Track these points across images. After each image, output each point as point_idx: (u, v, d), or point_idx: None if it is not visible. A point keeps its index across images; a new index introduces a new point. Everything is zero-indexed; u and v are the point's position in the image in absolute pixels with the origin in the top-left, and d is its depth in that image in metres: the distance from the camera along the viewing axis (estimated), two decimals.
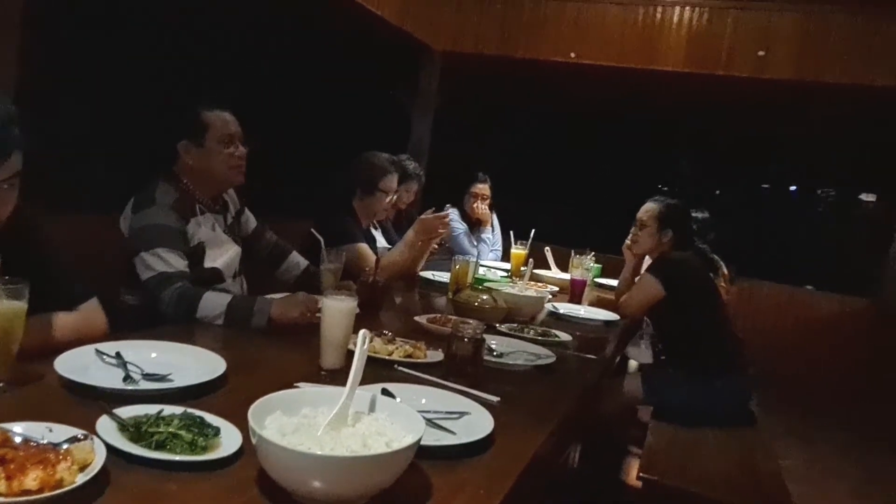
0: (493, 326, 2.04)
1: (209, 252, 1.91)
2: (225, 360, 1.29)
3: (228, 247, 1.99)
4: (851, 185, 8.79)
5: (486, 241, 4.08)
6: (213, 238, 1.94)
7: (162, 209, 1.81)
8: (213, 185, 1.97)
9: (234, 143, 1.93)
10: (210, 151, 1.90)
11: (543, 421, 1.31)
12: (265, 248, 2.23)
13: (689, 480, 1.90)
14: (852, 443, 3.96)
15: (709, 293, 2.70)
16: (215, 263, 1.92)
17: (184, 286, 1.73)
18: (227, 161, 1.92)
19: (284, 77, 4.54)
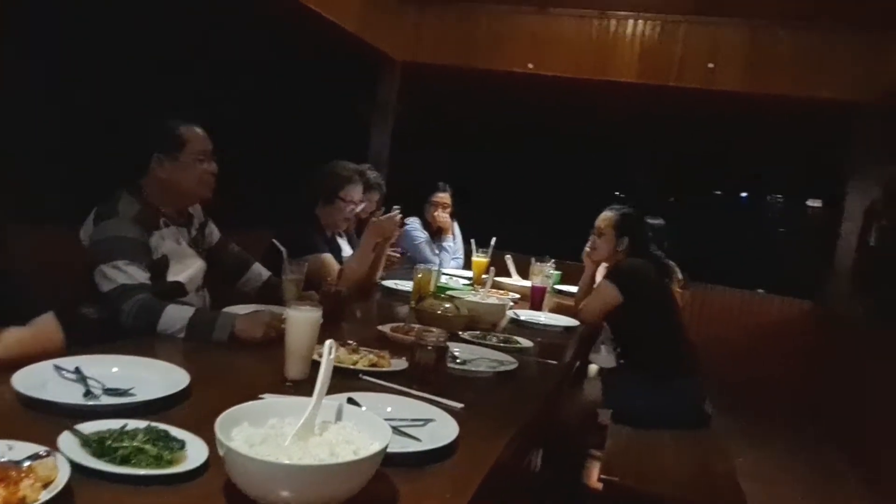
0: (456, 334, 2.07)
1: (173, 266, 1.89)
2: (188, 373, 1.29)
3: (192, 261, 1.98)
4: (799, 192, 9.15)
5: (448, 250, 4.12)
6: (178, 251, 1.92)
7: (124, 221, 1.80)
8: (180, 199, 1.97)
9: (207, 158, 1.95)
10: (184, 166, 1.90)
11: (506, 426, 1.34)
12: (228, 260, 2.21)
13: (647, 481, 1.96)
14: (802, 440, 4.11)
15: (664, 298, 2.79)
16: (178, 277, 1.90)
17: (145, 298, 1.71)
18: (200, 176, 1.93)
19: (244, 87, 4.51)
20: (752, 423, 4.12)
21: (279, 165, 4.42)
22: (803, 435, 4.19)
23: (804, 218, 9.09)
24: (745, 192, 9.80)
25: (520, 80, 5.27)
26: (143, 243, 1.81)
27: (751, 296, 5.30)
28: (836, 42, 4.44)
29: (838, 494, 3.45)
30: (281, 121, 4.91)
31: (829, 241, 4.98)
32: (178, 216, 1.98)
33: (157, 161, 1.89)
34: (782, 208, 9.67)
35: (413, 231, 4.01)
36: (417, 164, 5.93)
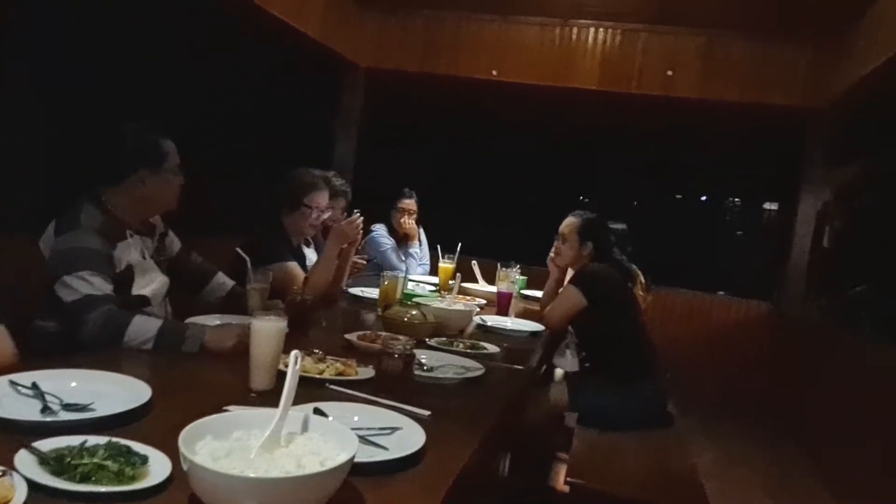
0: (423, 341, 2.07)
1: (137, 279, 1.86)
2: (150, 386, 1.27)
3: (156, 275, 1.95)
4: (756, 196, 9.39)
5: (415, 256, 4.12)
6: (142, 265, 1.90)
7: (87, 232, 1.76)
8: (150, 211, 1.96)
9: (177, 173, 1.96)
10: (165, 180, 1.91)
11: (473, 432, 1.35)
12: (189, 270, 2.18)
13: (612, 483, 1.99)
14: (760, 437, 4.23)
15: (627, 302, 2.84)
16: (143, 291, 1.88)
17: (111, 309, 1.68)
18: (173, 191, 1.94)
19: (206, 93, 4.45)
20: (713, 421, 4.22)
21: (244, 173, 4.37)
22: (761, 432, 4.31)
23: (761, 221, 9.31)
24: (705, 195, 10.02)
25: (484, 86, 5.32)
26: (107, 255, 1.78)
27: (711, 298, 5.44)
28: (787, 51, 4.60)
29: (793, 488, 3.56)
30: (245, 128, 4.85)
31: (784, 243, 5.14)
32: (141, 227, 1.96)
33: (140, 175, 1.87)
34: (741, 211, 9.90)
35: (379, 238, 4.01)
36: (383, 170, 5.93)
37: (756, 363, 4.88)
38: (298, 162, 2.91)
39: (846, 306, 6.48)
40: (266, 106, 5.14)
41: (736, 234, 9.82)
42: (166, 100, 3.87)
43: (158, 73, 3.85)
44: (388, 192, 4.27)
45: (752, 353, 4.93)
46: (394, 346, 1.49)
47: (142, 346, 1.65)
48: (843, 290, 6.48)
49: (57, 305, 1.71)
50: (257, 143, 4.92)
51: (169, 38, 3.91)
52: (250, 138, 4.98)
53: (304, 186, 2.68)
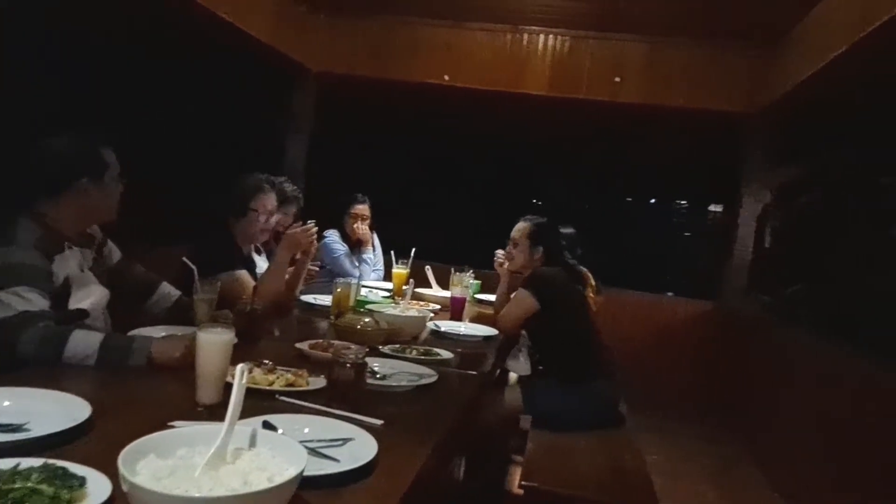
0: (377, 348, 2.06)
1: (75, 292, 1.78)
2: (90, 403, 1.22)
3: (94, 287, 1.88)
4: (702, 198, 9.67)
5: (368, 262, 4.09)
6: (80, 277, 1.82)
7: (23, 247, 1.68)
8: (90, 221, 1.89)
9: (118, 183, 1.90)
10: (107, 190, 1.85)
11: (426, 440, 1.35)
12: (132, 281, 2.11)
13: (565, 484, 2.02)
14: (706, 433, 4.36)
15: (579, 305, 2.88)
16: (82, 304, 1.80)
17: (48, 326, 1.61)
18: (114, 201, 1.88)
19: (154, 98, 4.33)
20: (663, 419, 4.33)
21: (193, 180, 4.26)
22: (707, 428, 4.44)
23: (707, 222, 9.60)
24: (653, 198, 10.27)
25: (436, 91, 5.33)
26: (45, 270, 1.70)
27: (659, 298, 5.58)
28: (728, 58, 4.77)
29: (738, 481, 3.68)
30: (194, 133, 4.74)
31: (728, 243, 5.32)
32: (80, 237, 1.89)
33: (82, 185, 1.80)
34: (687, 213, 10.19)
35: (332, 244, 3.97)
36: (335, 175, 5.88)
37: (702, 361, 5.03)
38: (249, 167, 2.86)
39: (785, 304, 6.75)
40: (215, 111, 5.03)
41: (683, 235, 10.09)
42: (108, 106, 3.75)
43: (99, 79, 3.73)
44: (341, 197, 4.23)
45: (699, 352, 5.08)
46: (345, 354, 1.47)
47: (83, 363, 1.59)
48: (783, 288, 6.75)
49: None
50: (207, 149, 4.81)
51: (110, 42, 3.79)
52: (200, 144, 4.87)
53: (249, 191, 2.62)
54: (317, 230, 2.65)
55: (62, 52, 3.37)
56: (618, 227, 9.21)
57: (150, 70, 4.25)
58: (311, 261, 2.86)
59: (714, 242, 8.15)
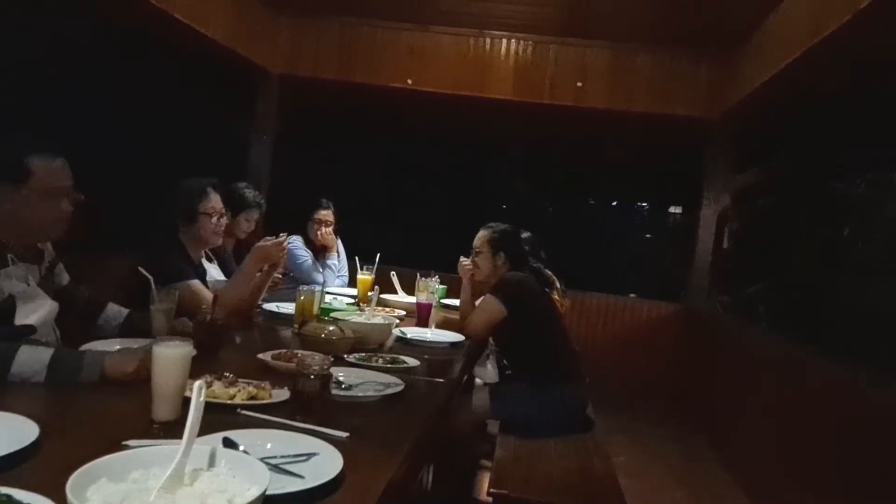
0: (342, 357, 2.02)
1: (21, 307, 1.69)
2: (38, 424, 1.15)
3: (43, 301, 1.78)
4: (662, 200, 9.85)
5: (332, 268, 4.03)
6: (26, 292, 1.72)
7: None
8: (27, 236, 1.77)
9: (60, 197, 1.73)
10: (27, 201, 1.69)
11: (393, 452, 1.31)
12: (78, 305, 2.01)
13: (533, 491, 2.01)
14: (673, 432, 4.42)
15: (547, 308, 2.89)
16: (28, 320, 1.70)
17: None
18: (44, 216, 1.72)
19: (109, 104, 4.19)
20: (630, 420, 4.38)
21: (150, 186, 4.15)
22: (674, 427, 4.50)
23: (667, 224, 9.79)
24: (615, 200, 10.42)
25: (400, 95, 5.31)
26: None
27: (623, 300, 5.64)
28: (688, 64, 4.87)
29: (705, 478, 3.74)
30: (154, 139, 4.61)
31: (689, 245, 5.41)
32: (27, 253, 1.78)
33: (1, 191, 1.68)
34: (648, 215, 10.36)
35: (296, 250, 3.90)
36: (299, 179, 5.80)
37: (668, 361, 5.11)
38: (212, 173, 2.78)
39: (745, 303, 6.91)
40: (176, 116, 4.91)
41: (645, 237, 10.26)
42: (60, 109, 3.62)
43: (50, 81, 3.60)
44: (304, 202, 4.16)
45: (664, 352, 5.15)
46: (309, 366, 1.43)
47: (32, 380, 1.50)
48: (743, 288, 6.90)
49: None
50: (167, 154, 4.69)
51: (63, 45, 3.66)
52: (160, 150, 4.74)
53: (193, 195, 2.54)
54: (288, 244, 2.59)
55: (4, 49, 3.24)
56: (581, 229, 9.31)
57: (105, 73, 4.12)
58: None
59: (675, 244, 8.31)
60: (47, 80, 3.56)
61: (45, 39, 3.44)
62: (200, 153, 4.96)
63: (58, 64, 3.64)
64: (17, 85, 3.30)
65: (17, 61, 3.28)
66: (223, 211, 2.61)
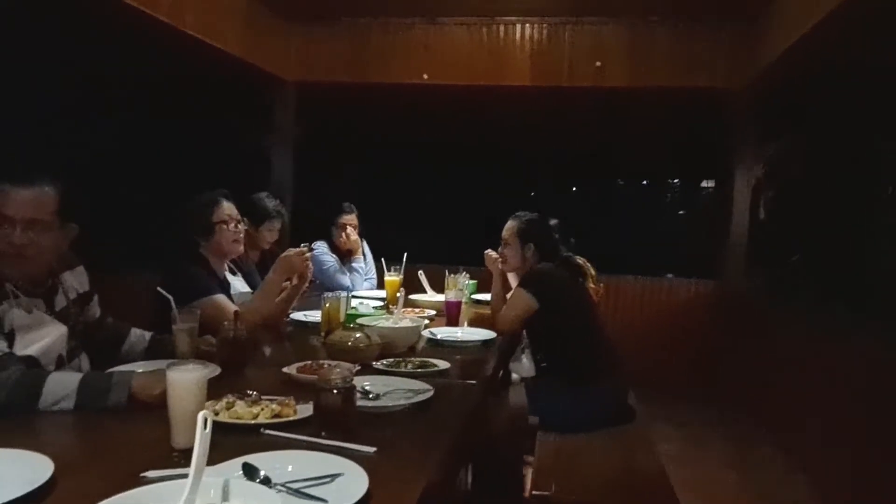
0: (370, 365, 1.97)
1: (21, 337, 1.64)
2: (52, 459, 1.12)
3: (51, 328, 1.72)
4: (693, 175, 9.58)
5: (359, 271, 4.00)
6: (27, 321, 1.67)
7: None
8: (19, 265, 1.67)
9: (11, 225, 1.61)
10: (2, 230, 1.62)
11: (422, 466, 1.25)
12: (102, 336, 2.00)
13: (577, 490, 1.93)
14: (717, 416, 4.27)
15: (580, 299, 2.79)
16: (29, 350, 1.65)
17: (19, 370, 1.51)
18: (6, 247, 1.62)
19: (129, 122, 4.21)
20: (674, 406, 4.24)
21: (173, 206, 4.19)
22: (718, 411, 4.35)
23: (700, 200, 9.52)
24: (645, 179, 10.17)
25: (416, 91, 5.25)
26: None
27: (659, 282, 5.49)
28: (708, 35, 4.69)
29: (758, 462, 3.60)
30: (174, 156, 4.62)
31: (723, 220, 5.24)
32: (32, 286, 1.72)
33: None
34: (680, 192, 10.10)
35: (321, 256, 3.88)
36: (321, 185, 5.78)
37: (708, 343, 4.95)
38: (237, 187, 2.76)
39: (784, 277, 6.68)
40: (195, 134, 4.93)
41: (678, 213, 10.00)
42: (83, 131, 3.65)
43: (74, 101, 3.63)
44: (328, 207, 4.13)
45: (704, 333, 4.99)
46: (331, 379, 1.38)
47: (59, 406, 1.48)
48: (781, 261, 6.67)
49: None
50: (189, 173, 4.70)
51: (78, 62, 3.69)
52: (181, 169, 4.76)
53: (205, 208, 2.51)
54: (311, 255, 2.55)
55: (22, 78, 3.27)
56: (612, 211, 9.11)
57: (123, 92, 4.15)
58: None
59: (710, 219, 8.08)
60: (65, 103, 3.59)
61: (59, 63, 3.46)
62: (223, 169, 4.97)
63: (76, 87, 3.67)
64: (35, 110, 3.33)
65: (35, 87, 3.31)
66: (239, 217, 2.58)
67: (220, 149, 5.21)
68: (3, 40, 3.00)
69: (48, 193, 1.68)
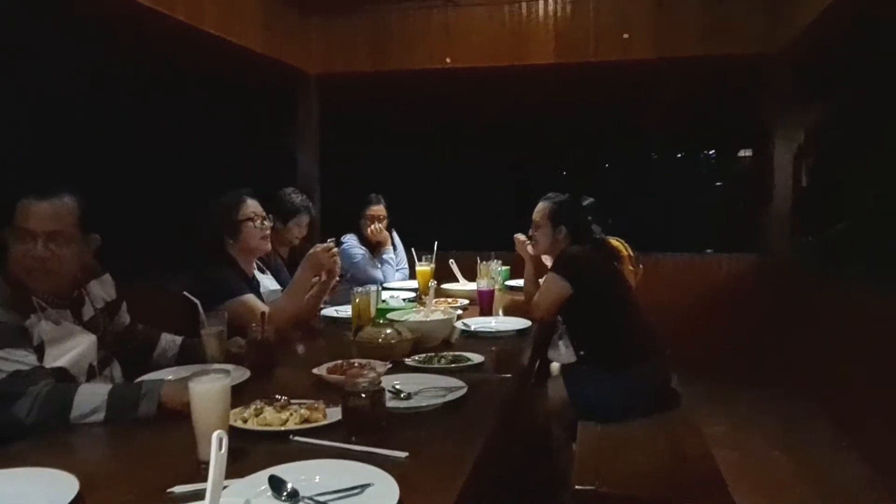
0: (401, 362, 1.93)
1: (50, 350, 1.63)
2: (78, 477, 1.10)
3: (80, 339, 1.72)
4: (729, 145, 9.27)
5: (390, 262, 3.96)
6: (56, 333, 1.66)
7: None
8: (38, 279, 1.65)
9: (33, 239, 1.60)
10: (14, 245, 1.62)
11: (456, 470, 1.19)
12: (132, 343, 1.99)
13: (621, 483, 1.85)
14: (767, 395, 4.11)
15: (614, 281, 2.70)
16: (58, 362, 1.64)
17: (49, 384, 1.50)
18: (20, 260, 1.61)
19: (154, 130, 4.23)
20: (719, 387, 4.11)
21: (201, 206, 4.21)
22: (767, 389, 4.20)
23: (738, 169, 9.20)
24: (680, 152, 9.88)
25: (439, 76, 5.17)
26: (21, 328, 1.57)
27: (700, 258, 5.33)
28: (737, 0, 4.48)
29: (811, 442, 3.45)
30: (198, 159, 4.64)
31: (764, 189, 5.04)
32: (58, 298, 1.71)
33: (4, 238, 1.62)
34: (716, 163, 9.79)
35: (350, 249, 3.84)
36: (347, 177, 5.76)
37: (752, 318, 4.78)
38: (264, 186, 2.73)
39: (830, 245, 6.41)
40: (220, 134, 4.93)
41: (715, 185, 9.71)
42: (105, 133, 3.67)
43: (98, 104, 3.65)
44: (355, 199, 4.09)
45: (748, 308, 4.82)
46: (359, 383, 1.33)
47: (90, 419, 1.47)
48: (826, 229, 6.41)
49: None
50: (216, 173, 4.71)
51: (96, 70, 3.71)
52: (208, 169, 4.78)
53: (231, 206, 2.48)
54: (337, 250, 2.51)
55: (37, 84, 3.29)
56: (647, 187, 8.88)
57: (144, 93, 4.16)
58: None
59: (749, 190, 7.81)
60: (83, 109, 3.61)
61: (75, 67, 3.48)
62: (247, 169, 4.97)
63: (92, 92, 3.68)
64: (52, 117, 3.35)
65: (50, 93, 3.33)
66: (264, 214, 2.56)
67: (244, 149, 5.21)
68: (13, 45, 3.01)
69: (68, 205, 1.67)
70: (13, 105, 3.14)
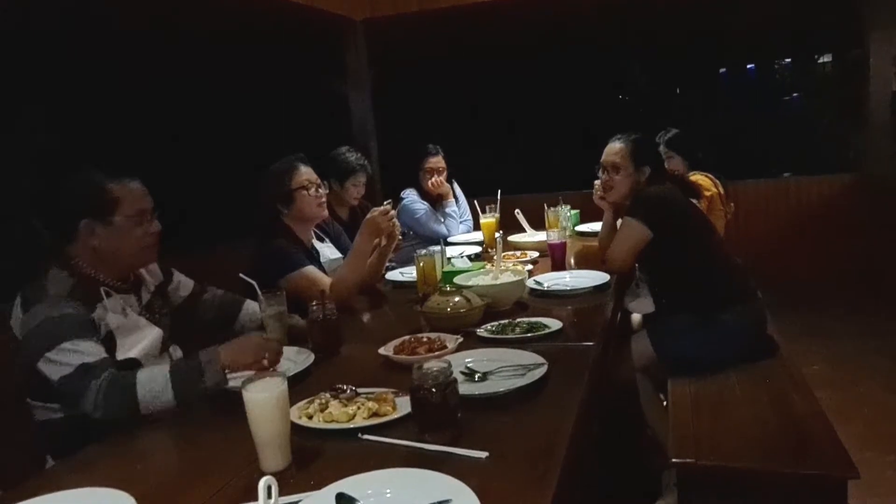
0: (473, 334, 1.79)
1: (121, 341, 1.61)
2: (132, 496, 1.03)
3: (147, 331, 1.68)
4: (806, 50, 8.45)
5: (453, 215, 3.79)
6: (125, 324, 1.63)
7: (58, 300, 1.51)
8: (121, 266, 1.68)
9: (146, 219, 1.66)
10: (119, 230, 1.61)
11: (545, 477, 1.05)
12: (210, 309, 1.94)
13: (725, 453, 1.67)
14: (869, 327, 3.79)
15: (698, 222, 2.45)
16: (131, 353, 1.62)
17: (112, 373, 1.46)
18: (139, 241, 1.65)
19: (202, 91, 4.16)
20: (816, 322, 3.81)
21: None
22: (869, 320, 3.86)
23: (818, 77, 8.41)
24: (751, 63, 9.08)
25: (490, 9, 4.84)
26: (87, 319, 1.54)
27: (785, 182, 4.91)
28: None
29: None
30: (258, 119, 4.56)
31: (856, 100, 4.54)
32: (121, 283, 1.69)
33: (88, 227, 1.59)
34: (792, 72, 8.95)
35: (411, 204, 3.70)
36: (404, 128, 5.57)
37: (851, 244, 4.39)
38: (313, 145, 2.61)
39: None
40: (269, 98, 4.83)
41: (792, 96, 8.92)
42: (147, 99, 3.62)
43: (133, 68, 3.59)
44: (412, 152, 3.91)
45: (843, 234, 4.43)
46: (426, 377, 1.19)
47: (161, 402, 1.44)
48: None
49: (47, 389, 1.49)
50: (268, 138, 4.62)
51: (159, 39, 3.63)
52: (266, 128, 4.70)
53: (281, 175, 2.37)
54: (395, 213, 2.37)
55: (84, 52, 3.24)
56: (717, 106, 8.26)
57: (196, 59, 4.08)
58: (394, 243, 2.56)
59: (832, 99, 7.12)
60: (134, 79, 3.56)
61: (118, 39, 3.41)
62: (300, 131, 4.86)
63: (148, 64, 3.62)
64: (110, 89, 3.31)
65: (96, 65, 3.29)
66: (318, 181, 2.43)
67: (296, 108, 5.10)
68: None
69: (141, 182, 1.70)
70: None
